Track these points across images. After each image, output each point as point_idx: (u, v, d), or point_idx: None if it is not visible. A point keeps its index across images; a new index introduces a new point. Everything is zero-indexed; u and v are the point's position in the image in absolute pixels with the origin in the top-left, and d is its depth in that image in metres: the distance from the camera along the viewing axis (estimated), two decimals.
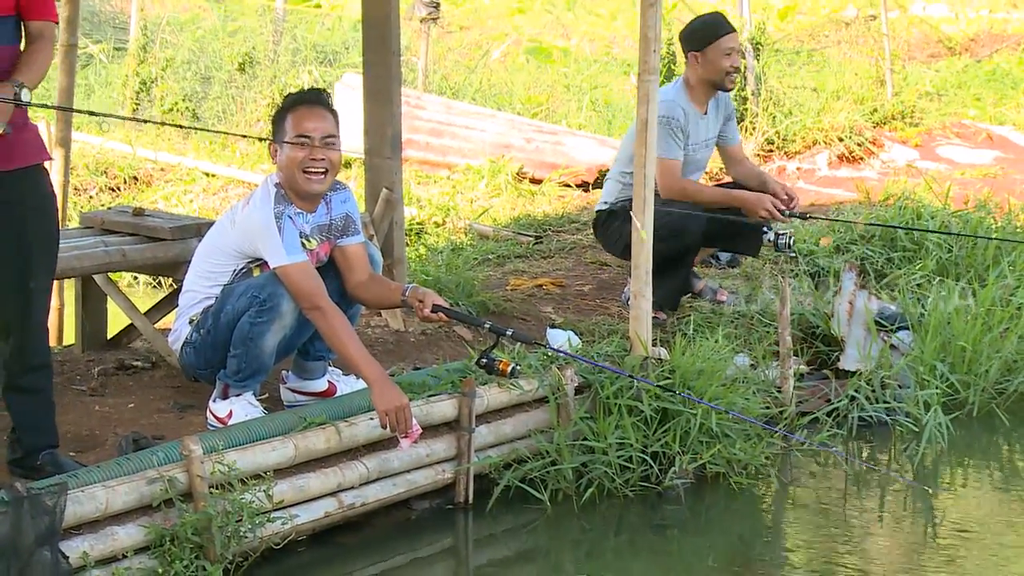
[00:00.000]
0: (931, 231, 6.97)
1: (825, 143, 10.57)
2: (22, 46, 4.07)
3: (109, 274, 5.53)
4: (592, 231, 6.58)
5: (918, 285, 6.57)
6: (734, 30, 6.00)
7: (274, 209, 4.53)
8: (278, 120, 4.56)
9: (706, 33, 5.90)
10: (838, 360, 6.00)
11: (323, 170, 4.50)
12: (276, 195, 4.58)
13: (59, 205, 6.48)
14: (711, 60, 5.83)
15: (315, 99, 4.61)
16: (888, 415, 5.59)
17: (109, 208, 7.26)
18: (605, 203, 6.11)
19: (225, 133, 10.80)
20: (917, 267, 6.72)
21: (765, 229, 6.06)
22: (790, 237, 6.07)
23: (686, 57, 6.04)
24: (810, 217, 6.66)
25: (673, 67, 10.30)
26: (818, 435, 5.20)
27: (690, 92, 6.04)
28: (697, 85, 6.02)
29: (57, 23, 4.22)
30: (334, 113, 4.56)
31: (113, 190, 9.58)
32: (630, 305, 5.11)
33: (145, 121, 10.62)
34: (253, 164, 9.85)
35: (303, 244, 4.64)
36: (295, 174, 4.47)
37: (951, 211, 7.48)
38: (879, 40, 12.60)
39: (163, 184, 9.37)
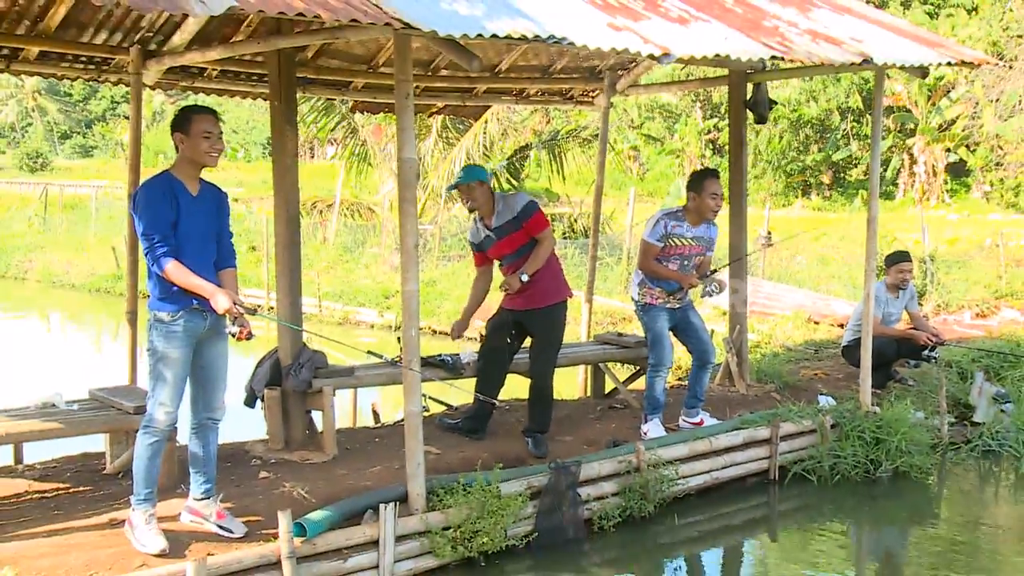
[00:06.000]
0: (1018, 355, 10.30)
1: (969, 307, 16.29)
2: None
3: (607, 364, 9.05)
4: (842, 354, 10.63)
5: (1019, 379, 9.91)
6: None
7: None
8: None
9: None
10: (972, 417, 9.19)
11: None
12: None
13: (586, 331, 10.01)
14: None
15: None
16: (999, 447, 8.78)
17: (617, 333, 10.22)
18: (847, 341, 9.88)
19: None
20: (1018, 371, 10.20)
21: (927, 352, 9.73)
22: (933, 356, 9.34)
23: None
24: (945, 343, 10.24)
25: None
26: (960, 455, 8.42)
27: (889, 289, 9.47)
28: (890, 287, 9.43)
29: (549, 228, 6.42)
30: None
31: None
32: (860, 383, 8.28)
33: None
34: None
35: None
36: None
37: None
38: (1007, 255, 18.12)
39: None
